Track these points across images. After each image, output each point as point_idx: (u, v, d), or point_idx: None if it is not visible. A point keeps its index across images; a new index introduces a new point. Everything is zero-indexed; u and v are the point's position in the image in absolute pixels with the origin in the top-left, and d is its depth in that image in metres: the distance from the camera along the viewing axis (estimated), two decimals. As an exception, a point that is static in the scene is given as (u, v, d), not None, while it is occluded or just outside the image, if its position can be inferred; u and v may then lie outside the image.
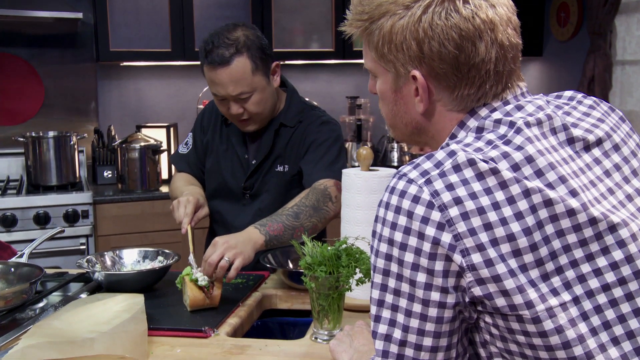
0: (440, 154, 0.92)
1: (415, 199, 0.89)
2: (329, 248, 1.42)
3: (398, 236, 0.89)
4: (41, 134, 3.36)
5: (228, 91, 1.84)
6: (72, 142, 3.33)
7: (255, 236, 1.69)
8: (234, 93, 1.84)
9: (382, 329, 0.94)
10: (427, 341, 0.91)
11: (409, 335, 0.92)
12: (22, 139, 3.29)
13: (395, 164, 4.03)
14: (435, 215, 0.87)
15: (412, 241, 0.88)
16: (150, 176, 3.38)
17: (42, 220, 3.10)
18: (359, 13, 1.02)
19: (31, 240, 1.92)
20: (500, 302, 0.87)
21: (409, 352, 0.92)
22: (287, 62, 3.97)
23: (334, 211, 1.86)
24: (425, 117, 1.03)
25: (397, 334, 0.92)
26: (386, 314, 0.93)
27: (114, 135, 3.59)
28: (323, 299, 1.40)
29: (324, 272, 1.38)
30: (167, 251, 1.85)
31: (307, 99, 2.12)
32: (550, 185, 0.89)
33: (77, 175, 3.38)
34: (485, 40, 0.95)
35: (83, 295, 1.66)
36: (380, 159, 4.07)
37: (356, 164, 4.03)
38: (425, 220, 0.87)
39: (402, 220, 0.89)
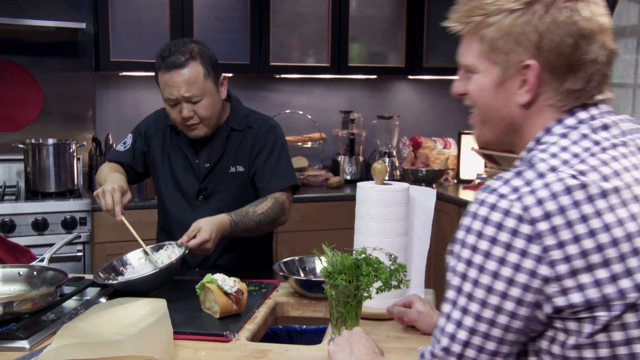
0: (529, 174, 0.97)
1: (506, 212, 0.95)
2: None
3: (483, 244, 0.96)
4: (41, 141, 3.39)
5: (181, 92, 2.00)
6: (71, 150, 3.37)
7: (226, 230, 1.96)
8: (187, 94, 2.00)
9: (450, 327, 1.00)
10: (490, 345, 0.98)
11: (474, 337, 0.98)
12: (22, 146, 3.31)
13: (387, 178, 4.12)
14: (525, 229, 0.93)
15: (497, 251, 0.95)
16: (147, 185, 3.41)
17: (40, 226, 3.12)
18: (474, 8, 1.07)
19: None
20: (585, 314, 0.93)
21: (469, 352, 0.98)
22: (283, 75, 4.05)
23: (284, 222, 2.17)
24: (524, 110, 1.07)
25: (462, 335, 0.98)
26: (456, 315, 0.99)
27: (112, 144, 3.62)
28: (342, 306, 1.47)
29: (344, 281, 1.44)
30: (172, 243, 1.93)
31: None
32: (636, 199, 0.95)
33: (75, 182, 3.40)
34: (598, 43, 1.03)
35: (102, 300, 1.71)
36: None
37: (348, 177, 4.11)
38: (514, 232, 0.94)
39: (489, 231, 0.95)
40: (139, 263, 1.93)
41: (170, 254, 1.89)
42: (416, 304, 1.59)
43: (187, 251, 1.84)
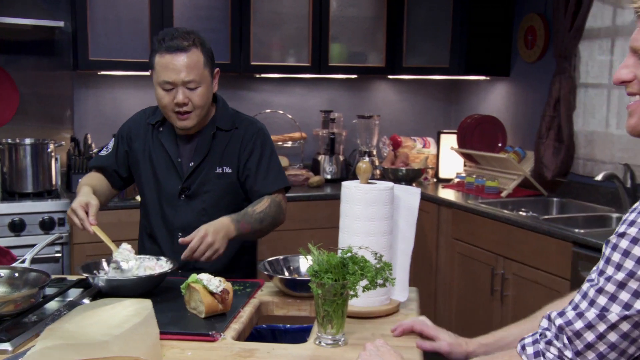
0: None
1: None
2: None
3: None
4: (18, 141, 3.34)
5: (181, 76, 1.98)
6: (49, 150, 3.33)
7: (230, 230, 1.95)
8: (187, 79, 1.98)
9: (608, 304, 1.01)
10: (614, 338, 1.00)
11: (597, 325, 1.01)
12: (-2, 145, 3.27)
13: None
14: None
15: None
16: (127, 185, 3.38)
17: (17, 227, 3.09)
18: None
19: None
20: None
21: (624, 326, 1.00)
22: (263, 75, 4.04)
23: (283, 221, 2.17)
24: None
25: (612, 316, 1.00)
26: (624, 297, 1.00)
27: (91, 144, 3.59)
28: (328, 304, 1.47)
29: (331, 279, 1.45)
30: (164, 258, 1.90)
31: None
32: None
33: (53, 182, 3.37)
34: None
35: (86, 301, 1.69)
36: (352, 172, 4.17)
37: (328, 176, 4.12)
38: None
39: None
40: (129, 268, 1.87)
41: (150, 264, 1.86)
42: (441, 336, 1.50)
43: (175, 267, 1.84)
